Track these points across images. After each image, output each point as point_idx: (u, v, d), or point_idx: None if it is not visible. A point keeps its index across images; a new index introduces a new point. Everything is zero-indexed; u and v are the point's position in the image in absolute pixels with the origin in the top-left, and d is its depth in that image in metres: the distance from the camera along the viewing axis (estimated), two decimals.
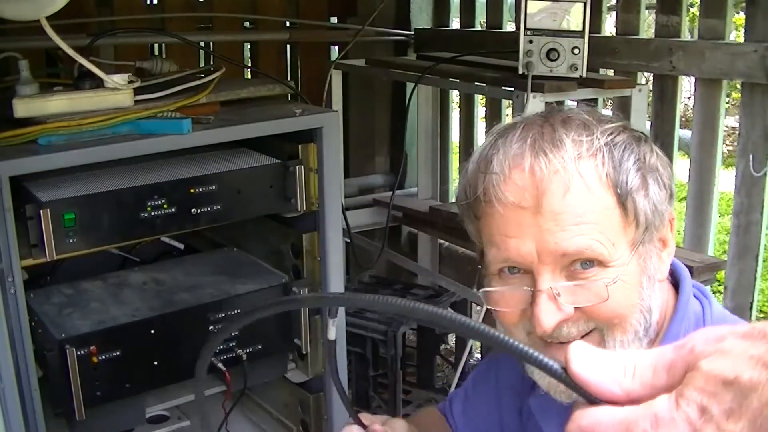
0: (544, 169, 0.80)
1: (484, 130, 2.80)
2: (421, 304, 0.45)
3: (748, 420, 0.35)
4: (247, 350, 1.58)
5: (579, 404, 0.42)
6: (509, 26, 2.70)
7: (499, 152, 0.84)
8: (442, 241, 2.83)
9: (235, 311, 1.57)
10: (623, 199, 0.81)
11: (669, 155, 1.62)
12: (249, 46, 3.13)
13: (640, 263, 0.83)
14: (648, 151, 0.85)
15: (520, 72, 1.87)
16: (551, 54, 1.85)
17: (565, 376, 0.42)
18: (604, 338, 0.84)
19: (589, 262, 0.81)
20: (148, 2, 2.86)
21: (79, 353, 1.38)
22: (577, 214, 0.80)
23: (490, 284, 0.86)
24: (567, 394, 0.82)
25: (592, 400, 0.41)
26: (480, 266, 0.90)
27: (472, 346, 2.64)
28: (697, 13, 2.09)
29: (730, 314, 0.94)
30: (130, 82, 1.46)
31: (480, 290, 0.89)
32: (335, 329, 0.83)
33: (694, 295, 0.91)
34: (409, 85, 2.61)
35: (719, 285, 2.44)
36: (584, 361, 0.41)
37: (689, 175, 2.14)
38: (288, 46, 3.04)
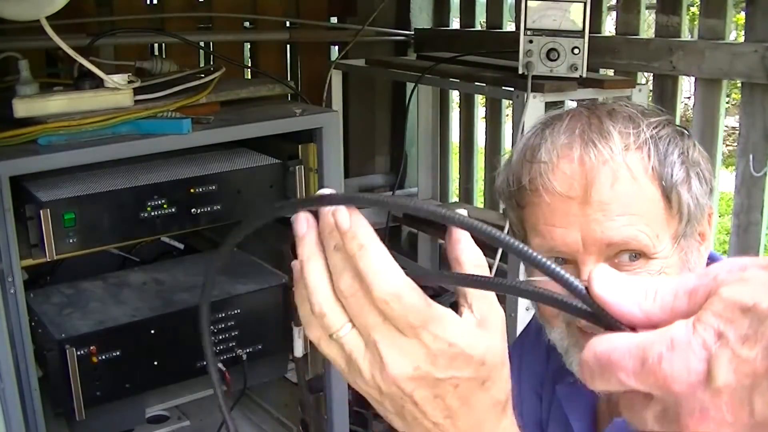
0: (593, 159, 0.81)
1: (484, 130, 2.79)
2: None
3: (763, 346, 0.35)
4: (247, 350, 1.58)
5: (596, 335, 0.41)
6: (509, 26, 2.70)
7: (546, 141, 0.85)
8: (442, 241, 2.83)
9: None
10: (668, 191, 0.82)
11: None
12: (249, 46, 3.13)
13: (681, 256, 0.84)
14: (691, 146, 0.86)
15: (520, 72, 1.87)
16: (551, 54, 1.85)
17: (586, 295, 0.42)
18: None
19: (634, 255, 0.82)
20: (148, 2, 2.86)
21: (79, 353, 1.38)
22: (624, 204, 0.81)
23: (532, 274, 0.85)
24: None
25: (612, 325, 0.41)
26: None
27: None
28: (697, 13, 2.09)
29: None
30: (130, 82, 1.46)
31: (523, 280, 0.90)
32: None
33: None
34: (409, 85, 2.61)
35: None
36: (607, 282, 0.42)
37: None
38: (288, 46, 3.04)
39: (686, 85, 5.02)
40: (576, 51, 1.85)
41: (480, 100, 2.86)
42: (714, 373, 0.36)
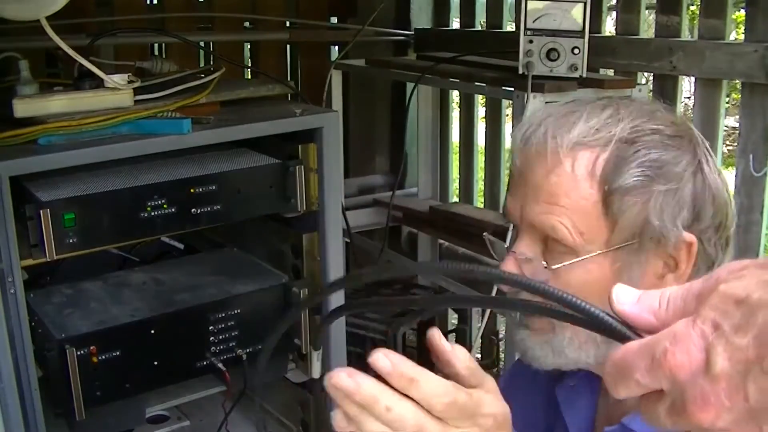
0: (547, 145, 0.83)
1: (484, 130, 2.80)
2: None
3: (754, 335, 0.38)
4: (247, 350, 1.58)
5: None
6: (509, 26, 2.70)
7: (536, 115, 0.89)
8: (442, 241, 2.83)
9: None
10: (607, 195, 0.81)
11: None
12: (249, 46, 3.13)
13: (614, 268, 0.82)
14: (688, 166, 0.82)
15: (520, 72, 1.87)
16: (551, 54, 1.85)
17: (606, 319, 0.45)
18: (554, 329, 0.85)
19: (563, 246, 0.83)
20: (148, 2, 2.86)
21: (79, 353, 1.38)
22: (551, 193, 0.83)
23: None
24: None
25: (625, 338, 0.44)
26: None
27: (472, 345, 2.64)
28: (697, 13, 2.09)
29: None
30: (130, 82, 1.46)
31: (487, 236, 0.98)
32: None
33: None
34: (409, 85, 2.61)
35: None
36: (625, 298, 0.45)
37: None
38: (288, 46, 3.04)
39: (686, 85, 5.03)
40: (576, 51, 1.85)
41: (480, 100, 2.86)
42: (712, 360, 0.39)
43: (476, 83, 2.18)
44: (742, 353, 0.38)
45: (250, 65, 3.04)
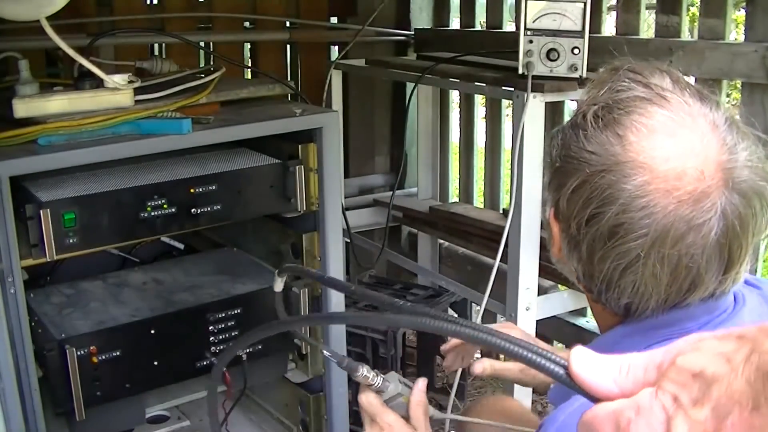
0: None
1: (484, 130, 2.79)
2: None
3: (711, 408, 0.39)
4: (247, 350, 1.58)
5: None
6: (509, 26, 2.70)
7: None
8: (442, 241, 2.83)
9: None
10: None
11: None
12: (249, 46, 3.13)
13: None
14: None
15: (520, 72, 1.87)
16: (551, 54, 1.85)
17: (567, 379, 0.46)
18: None
19: None
20: (148, 2, 2.86)
21: (79, 353, 1.38)
22: None
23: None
24: None
25: (594, 399, 0.45)
26: None
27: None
28: (697, 13, 2.09)
29: None
30: (130, 82, 1.46)
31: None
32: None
33: None
34: (409, 85, 2.61)
35: None
36: (584, 363, 0.46)
37: None
38: (288, 46, 3.04)
39: None
40: (576, 51, 1.85)
41: (480, 100, 2.86)
42: None
43: (476, 83, 2.18)
44: (701, 426, 0.39)
45: (250, 65, 3.04)
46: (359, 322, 2.23)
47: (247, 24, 2.87)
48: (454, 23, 2.94)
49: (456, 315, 2.53)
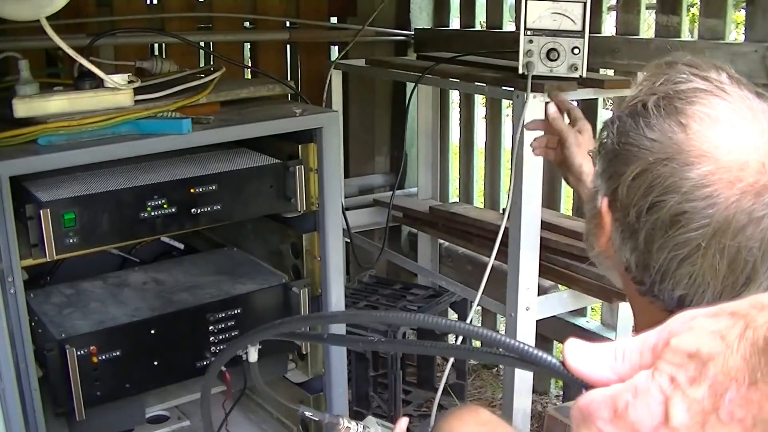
0: None
1: (484, 130, 2.80)
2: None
3: (708, 386, 0.40)
4: (247, 350, 1.58)
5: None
6: (509, 26, 2.70)
7: None
8: (442, 241, 2.83)
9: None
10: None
11: None
12: (249, 46, 3.13)
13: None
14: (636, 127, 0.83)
15: (520, 72, 1.87)
16: (551, 54, 1.85)
17: (564, 372, 0.47)
18: None
19: None
20: (148, 2, 2.86)
21: (79, 353, 1.38)
22: None
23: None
24: None
25: (590, 387, 0.46)
26: None
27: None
28: (697, 13, 2.09)
29: None
30: (130, 82, 1.46)
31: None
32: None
33: None
34: (409, 85, 2.60)
35: None
36: (579, 354, 0.47)
37: None
38: (288, 46, 3.04)
39: None
40: (576, 51, 1.85)
41: (480, 100, 2.86)
42: (670, 413, 0.41)
43: (476, 83, 2.18)
44: (699, 404, 0.40)
45: (250, 65, 3.03)
46: (359, 321, 2.23)
47: (247, 24, 2.87)
48: (454, 23, 2.94)
49: (456, 315, 2.53)
